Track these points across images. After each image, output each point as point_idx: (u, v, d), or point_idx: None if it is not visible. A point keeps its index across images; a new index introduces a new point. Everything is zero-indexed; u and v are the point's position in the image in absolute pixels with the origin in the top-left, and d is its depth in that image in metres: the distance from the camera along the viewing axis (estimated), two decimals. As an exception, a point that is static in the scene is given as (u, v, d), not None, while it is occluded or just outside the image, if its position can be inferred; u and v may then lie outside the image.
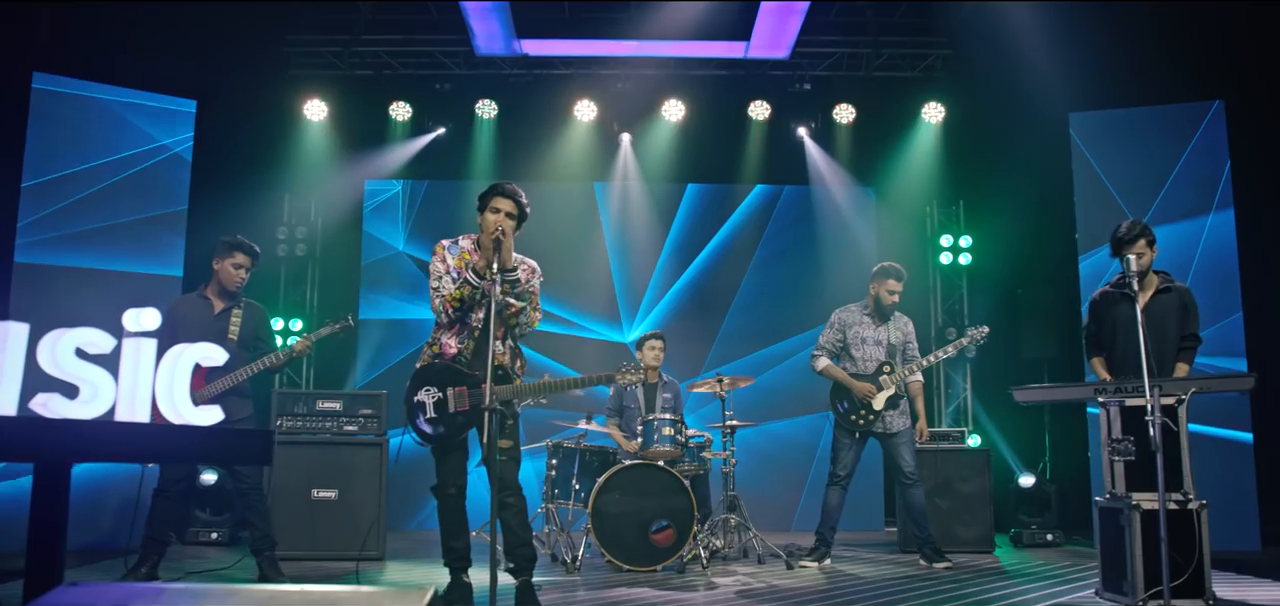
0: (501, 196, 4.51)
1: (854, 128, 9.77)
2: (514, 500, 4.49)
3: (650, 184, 9.92)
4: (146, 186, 7.47)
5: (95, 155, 7.29)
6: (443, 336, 4.54)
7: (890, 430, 6.26)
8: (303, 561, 6.33)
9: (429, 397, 4.46)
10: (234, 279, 5.40)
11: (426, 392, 4.48)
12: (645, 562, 5.93)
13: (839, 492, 6.32)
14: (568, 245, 9.72)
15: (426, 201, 9.77)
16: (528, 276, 4.61)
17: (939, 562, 6.16)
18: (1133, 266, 4.78)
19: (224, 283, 5.43)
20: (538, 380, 4.55)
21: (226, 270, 5.40)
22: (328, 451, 6.53)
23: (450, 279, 4.53)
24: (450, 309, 4.51)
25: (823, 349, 6.40)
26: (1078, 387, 4.85)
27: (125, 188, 7.38)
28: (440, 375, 4.47)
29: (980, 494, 7.12)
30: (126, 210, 7.33)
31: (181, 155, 7.64)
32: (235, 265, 5.41)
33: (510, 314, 4.50)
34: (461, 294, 4.45)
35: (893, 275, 6.34)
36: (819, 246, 9.90)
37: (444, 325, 4.55)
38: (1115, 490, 4.54)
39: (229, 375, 5.25)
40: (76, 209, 7.17)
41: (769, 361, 9.66)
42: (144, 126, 7.51)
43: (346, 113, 9.56)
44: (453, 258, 4.58)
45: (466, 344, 4.50)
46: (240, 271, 5.41)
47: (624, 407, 7.08)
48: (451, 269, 4.56)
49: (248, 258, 5.45)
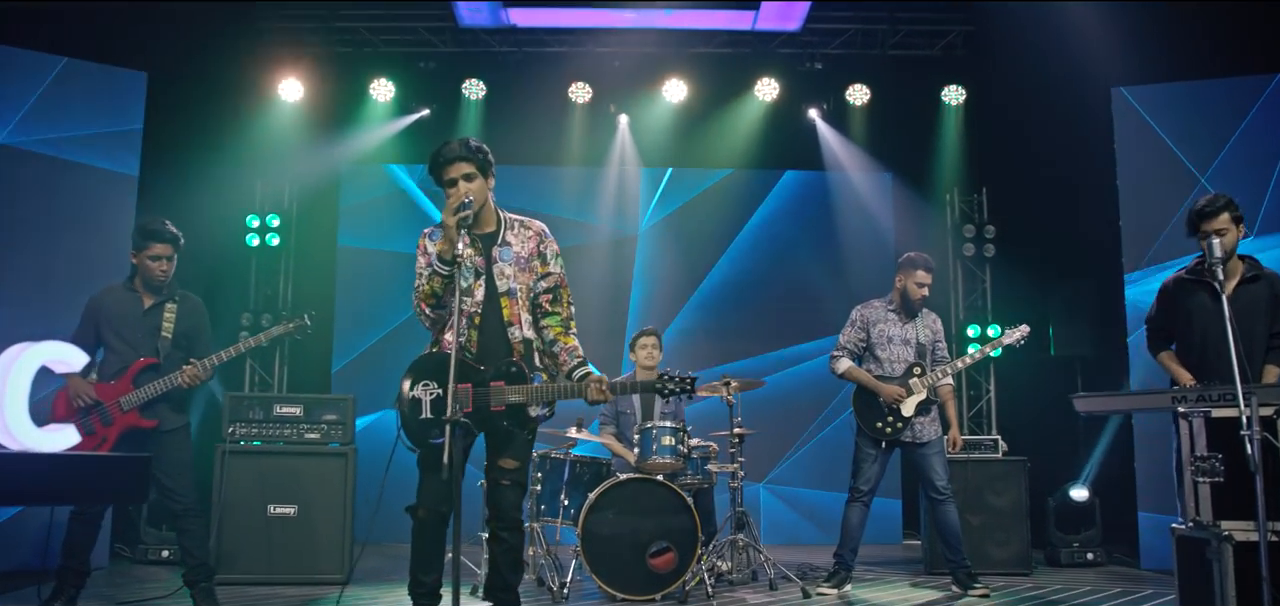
0: (448, 164, 3.71)
1: (869, 109, 9.06)
2: (509, 536, 3.74)
3: (650, 169, 9.22)
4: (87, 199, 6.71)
5: (34, 129, 6.56)
6: (442, 335, 3.82)
7: (920, 439, 5.54)
8: (256, 587, 5.62)
9: (427, 395, 3.68)
10: (155, 271, 4.67)
11: (423, 388, 3.69)
12: (642, 590, 5.22)
13: (861, 510, 5.61)
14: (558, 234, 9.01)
15: (409, 187, 9.06)
16: (532, 246, 3.83)
17: (974, 589, 5.45)
18: (1217, 250, 4.05)
19: (146, 277, 4.71)
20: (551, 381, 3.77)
21: (145, 265, 4.68)
22: (286, 462, 5.81)
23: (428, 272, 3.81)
24: (427, 308, 3.79)
25: (844, 349, 5.68)
26: (1151, 395, 4.13)
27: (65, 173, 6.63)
28: (441, 368, 3.63)
29: (1015, 508, 6.40)
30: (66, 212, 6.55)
31: (128, 136, 6.87)
32: (153, 257, 4.66)
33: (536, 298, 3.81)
34: (432, 287, 3.70)
35: (922, 266, 5.62)
36: (833, 236, 9.21)
37: (436, 325, 3.82)
38: (1199, 517, 3.82)
39: (160, 380, 4.56)
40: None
41: (781, 362, 8.95)
42: (86, 101, 6.76)
43: (323, 92, 8.84)
44: (433, 243, 3.81)
45: (469, 335, 3.72)
46: (160, 262, 4.67)
47: (620, 413, 6.37)
48: (433, 256, 3.81)
49: (168, 246, 4.68)
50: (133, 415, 4.52)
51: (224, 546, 5.66)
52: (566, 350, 3.82)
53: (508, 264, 3.77)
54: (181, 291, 4.82)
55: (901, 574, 6.62)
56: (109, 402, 4.51)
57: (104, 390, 4.54)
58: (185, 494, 4.62)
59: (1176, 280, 4.55)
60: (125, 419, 4.51)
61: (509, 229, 3.84)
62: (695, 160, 9.23)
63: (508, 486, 3.72)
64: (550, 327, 3.85)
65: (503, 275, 3.76)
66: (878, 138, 9.11)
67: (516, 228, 3.86)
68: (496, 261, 3.76)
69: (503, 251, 3.79)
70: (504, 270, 3.76)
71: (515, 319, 3.75)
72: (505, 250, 3.79)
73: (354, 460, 5.90)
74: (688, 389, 3.82)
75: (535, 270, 3.82)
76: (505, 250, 3.79)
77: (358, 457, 5.93)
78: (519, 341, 3.74)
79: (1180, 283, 4.53)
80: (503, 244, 3.80)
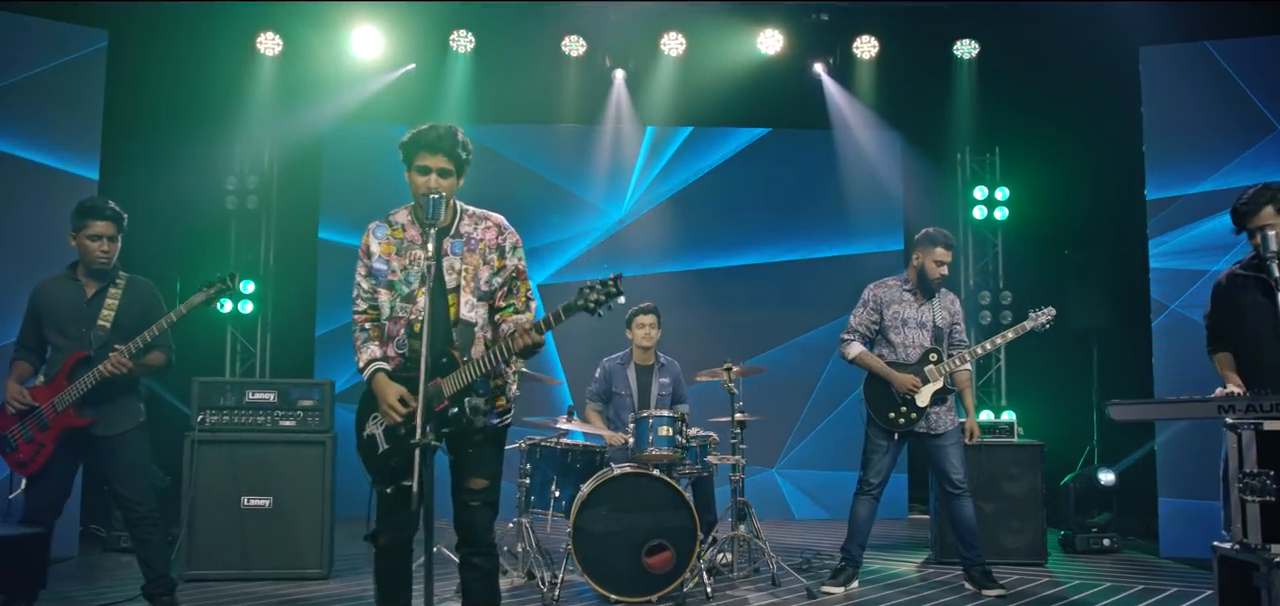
0: (427, 150, 3.33)
1: (877, 63, 8.59)
2: (483, 561, 3.39)
3: (646, 127, 8.79)
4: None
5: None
6: (375, 344, 3.45)
7: (935, 430, 5.19)
8: (230, 583, 5.32)
9: (377, 428, 3.39)
10: (95, 253, 4.24)
11: (373, 422, 3.41)
12: (638, 591, 4.91)
13: (870, 504, 5.28)
14: (553, 195, 8.67)
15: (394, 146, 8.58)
16: (490, 237, 3.42)
17: (990, 589, 5.15)
18: (1272, 243, 3.66)
19: (87, 260, 4.30)
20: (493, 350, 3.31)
21: (84, 245, 4.26)
22: (260, 451, 5.46)
23: (368, 280, 3.43)
24: (368, 324, 3.45)
25: (855, 332, 5.30)
26: (1194, 404, 3.75)
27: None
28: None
29: (1031, 495, 6.08)
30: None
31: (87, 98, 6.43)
32: (92, 236, 4.24)
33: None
34: (377, 306, 3.43)
35: (941, 243, 5.22)
36: (838, 197, 8.81)
37: (369, 337, 3.45)
38: (1247, 539, 3.48)
39: (91, 372, 4.15)
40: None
41: (782, 330, 8.61)
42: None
43: (304, 46, 8.36)
44: (378, 242, 3.43)
45: (409, 345, 3.35)
46: (101, 243, 4.24)
47: (613, 394, 6.03)
48: (374, 258, 3.43)
49: (109, 224, 4.26)
50: (68, 414, 4.15)
51: (195, 541, 5.35)
52: (508, 322, 3.42)
53: (457, 257, 3.39)
54: (127, 275, 4.41)
55: (909, 560, 6.33)
56: (45, 405, 4.15)
57: (41, 393, 4.18)
58: (142, 501, 4.27)
59: (1229, 275, 4.17)
60: (61, 420, 4.14)
61: (463, 219, 3.46)
62: (694, 118, 8.81)
63: (478, 507, 3.37)
64: (503, 316, 3.46)
65: (452, 270, 3.38)
66: (886, 94, 8.67)
67: (471, 217, 3.47)
68: (447, 254, 3.39)
69: (454, 244, 3.40)
70: (453, 264, 3.38)
71: (459, 311, 3.37)
72: (456, 243, 3.41)
73: (332, 448, 5.56)
74: (613, 292, 3.27)
75: (490, 263, 3.42)
76: (456, 243, 3.41)
77: (337, 445, 5.59)
78: (458, 332, 3.35)
79: (1233, 278, 4.15)
80: (454, 235, 3.42)
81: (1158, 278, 6.53)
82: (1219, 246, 6.24)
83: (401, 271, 3.39)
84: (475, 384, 3.30)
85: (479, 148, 8.42)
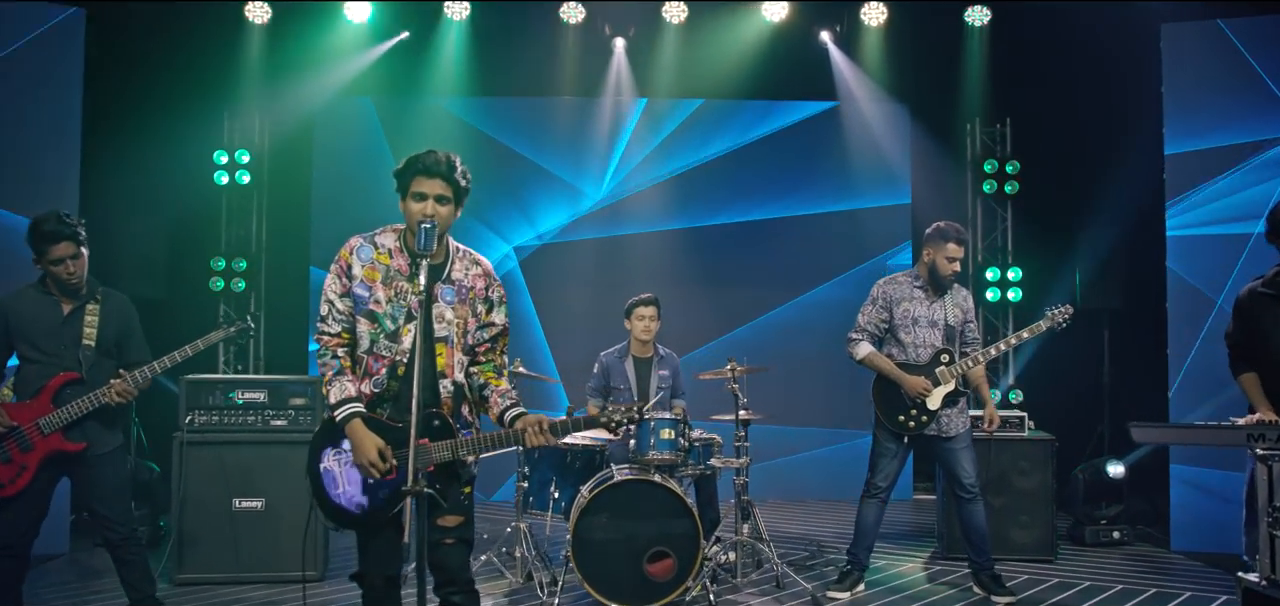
0: (424, 175, 3.12)
1: (886, 31, 8.32)
2: (463, 599, 3.21)
3: (646, 99, 8.53)
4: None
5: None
6: (349, 380, 3.19)
7: (946, 433, 5.02)
8: (223, 587, 5.20)
9: (339, 465, 3.18)
10: (61, 276, 4.02)
11: (334, 458, 3.19)
12: (639, 600, 4.79)
13: (877, 507, 5.14)
14: (550, 165, 8.49)
15: (388, 119, 8.37)
16: (479, 286, 3.25)
17: (999, 596, 5.02)
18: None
19: (58, 284, 4.07)
20: (492, 431, 3.21)
21: (49, 271, 4.04)
22: (251, 452, 5.31)
23: (345, 302, 3.17)
24: (340, 351, 3.21)
25: (863, 331, 5.12)
26: (1221, 431, 3.58)
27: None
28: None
29: (1041, 490, 5.93)
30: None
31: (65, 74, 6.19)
32: (55, 261, 3.99)
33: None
34: (354, 330, 3.20)
35: (953, 238, 5.01)
36: (844, 171, 8.58)
37: (341, 368, 3.20)
38: (1277, 575, 3.34)
39: (86, 397, 4.00)
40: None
41: (787, 326, 8.43)
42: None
43: (294, 15, 8.08)
44: (361, 265, 3.20)
45: (388, 385, 3.16)
46: (65, 264, 4.00)
47: (612, 388, 5.87)
48: (356, 282, 3.19)
49: (69, 244, 3.99)
50: (55, 438, 3.96)
51: (186, 544, 5.22)
52: (498, 393, 3.29)
53: (449, 306, 3.19)
54: (103, 290, 4.20)
55: (916, 555, 6.22)
56: (27, 426, 3.94)
57: (19, 412, 3.95)
58: (123, 522, 4.11)
59: (1250, 292, 3.99)
60: (47, 443, 3.95)
61: (455, 261, 3.25)
62: (696, 89, 8.54)
63: (453, 545, 3.17)
64: (481, 372, 3.31)
65: (442, 319, 3.18)
66: (894, 64, 8.41)
67: (463, 260, 3.27)
68: (438, 299, 3.18)
69: (445, 290, 3.20)
70: (444, 313, 3.19)
71: (449, 368, 3.18)
72: (448, 289, 3.21)
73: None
74: (635, 419, 3.20)
75: (478, 315, 3.25)
76: (448, 289, 3.21)
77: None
78: (449, 394, 3.18)
79: (1255, 295, 3.97)
80: (447, 279, 3.22)
81: (1175, 248, 6.32)
82: (1240, 217, 6.07)
83: (387, 303, 3.16)
84: (463, 454, 3.15)
85: (475, 118, 8.14)
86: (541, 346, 8.28)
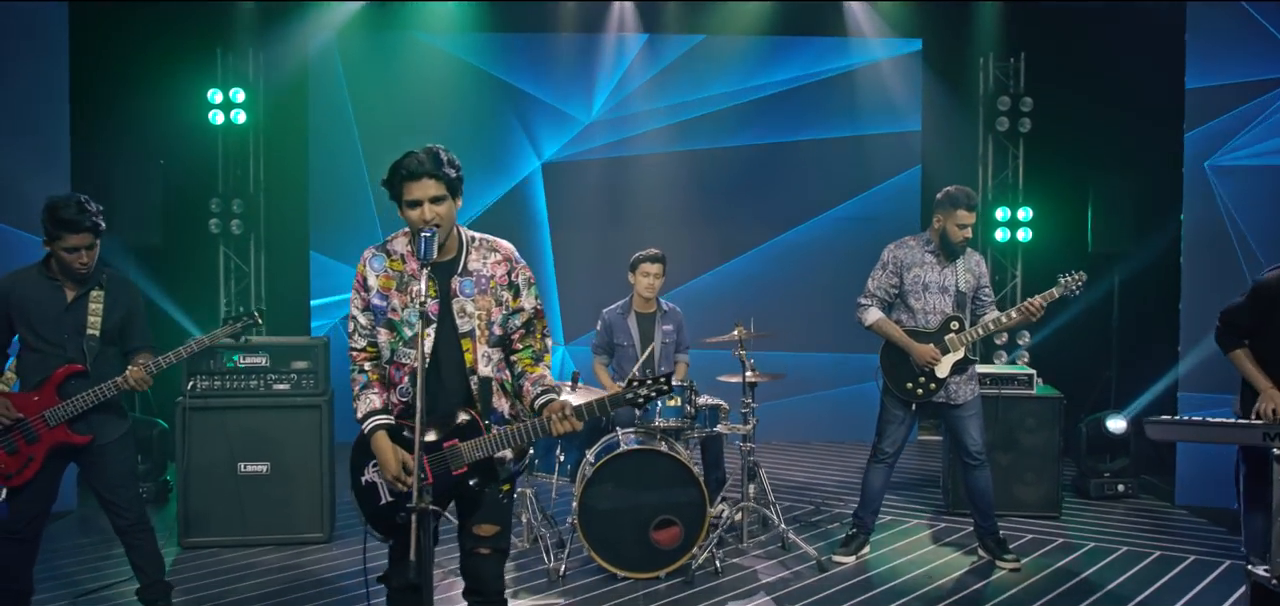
0: (411, 179, 2.97)
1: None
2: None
3: (649, 34, 8.30)
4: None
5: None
6: (374, 393, 3.18)
7: (954, 401, 4.98)
8: (232, 550, 5.23)
9: (380, 477, 3.14)
10: (73, 266, 3.88)
11: (373, 470, 3.16)
12: (645, 567, 4.81)
13: (884, 472, 5.13)
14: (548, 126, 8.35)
15: (386, 52, 8.15)
16: (500, 272, 3.15)
17: (1004, 561, 5.04)
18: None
19: (65, 271, 3.94)
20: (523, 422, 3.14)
21: (61, 258, 3.89)
22: (254, 417, 5.29)
23: (366, 316, 3.14)
24: (365, 366, 3.16)
25: (873, 296, 5.03)
26: (1236, 428, 3.53)
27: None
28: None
29: (1048, 448, 5.91)
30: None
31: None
32: (69, 249, 3.85)
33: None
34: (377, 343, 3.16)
35: (964, 203, 4.89)
36: (852, 109, 8.39)
37: (369, 382, 3.17)
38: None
39: (94, 389, 3.91)
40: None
41: (791, 278, 8.32)
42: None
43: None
44: (376, 275, 3.12)
45: (412, 390, 3.05)
46: (78, 255, 3.86)
47: (615, 345, 5.81)
48: (373, 294, 3.12)
49: (86, 236, 3.85)
50: (61, 431, 3.89)
51: (192, 508, 5.24)
52: (532, 381, 3.21)
53: (469, 298, 3.11)
54: (108, 272, 4.08)
55: (921, 509, 6.23)
56: (32, 418, 3.86)
57: (24, 403, 3.87)
58: (130, 507, 4.08)
59: (1277, 279, 3.88)
60: (53, 435, 3.88)
61: (471, 252, 3.15)
62: (700, 26, 8.31)
63: (487, 555, 3.16)
64: (520, 360, 3.24)
65: (464, 313, 3.10)
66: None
67: (480, 249, 3.17)
68: (457, 295, 3.10)
69: (464, 283, 3.11)
70: (464, 307, 3.10)
71: (476, 362, 3.11)
72: (466, 281, 3.12)
73: (330, 409, 5.39)
74: (663, 390, 3.14)
75: (504, 303, 3.16)
76: (466, 281, 3.12)
77: (334, 406, 5.42)
78: (476, 387, 3.12)
79: (1277, 284, 3.86)
80: (464, 272, 3.12)
81: (1192, 182, 6.19)
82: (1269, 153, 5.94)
83: (403, 310, 3.09)
84: (495, 449, 3.09)
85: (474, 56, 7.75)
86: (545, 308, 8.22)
